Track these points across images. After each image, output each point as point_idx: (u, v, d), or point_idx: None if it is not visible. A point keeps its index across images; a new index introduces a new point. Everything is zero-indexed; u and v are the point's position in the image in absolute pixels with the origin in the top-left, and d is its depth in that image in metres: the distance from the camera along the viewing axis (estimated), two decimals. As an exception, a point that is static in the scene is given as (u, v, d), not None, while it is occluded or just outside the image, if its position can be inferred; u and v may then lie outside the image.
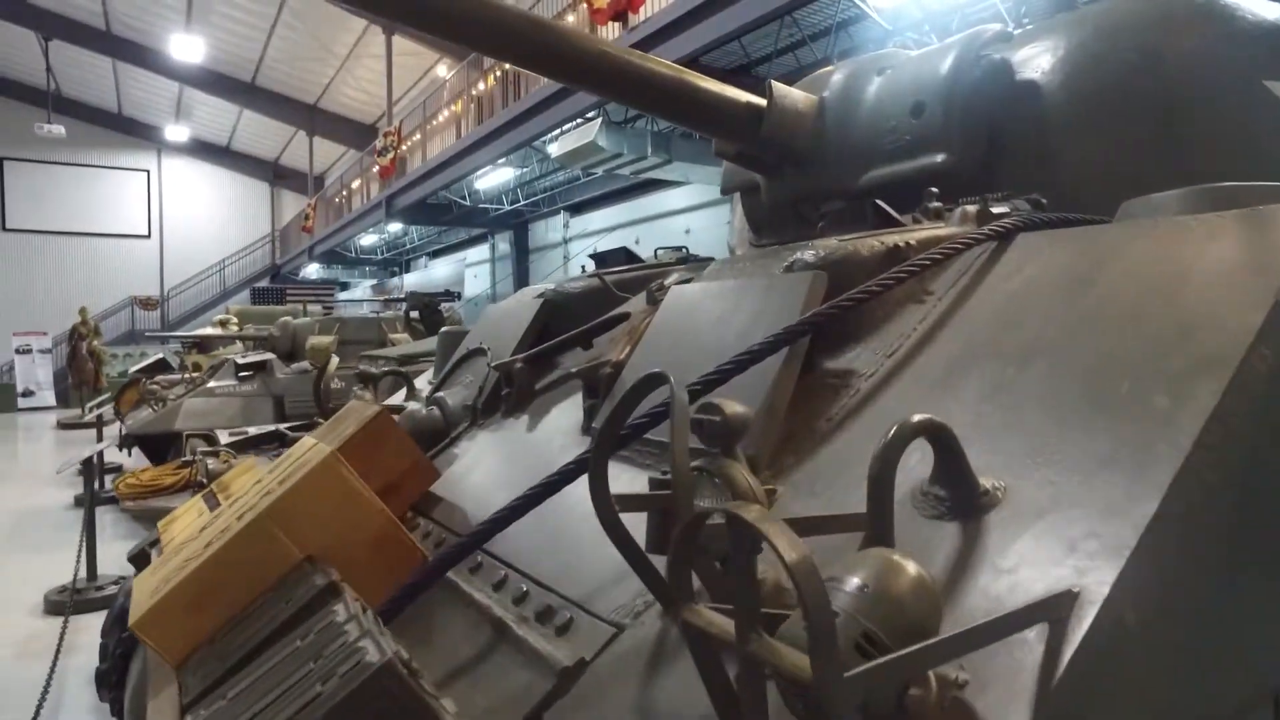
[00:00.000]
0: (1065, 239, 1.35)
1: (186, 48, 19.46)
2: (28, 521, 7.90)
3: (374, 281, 30.69)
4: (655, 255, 2.73)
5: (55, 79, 24.22)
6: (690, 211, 12.90)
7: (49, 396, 24.84)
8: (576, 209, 17.14)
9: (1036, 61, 2.08)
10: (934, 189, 1.83)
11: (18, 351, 25.39)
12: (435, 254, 26.43)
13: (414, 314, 10.88)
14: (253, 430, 6.49)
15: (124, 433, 8.66)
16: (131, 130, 29.46)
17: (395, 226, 21.53)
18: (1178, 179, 1.42)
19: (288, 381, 8.78)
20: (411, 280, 26.47)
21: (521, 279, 18.41)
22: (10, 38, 22.73)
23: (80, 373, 21.23)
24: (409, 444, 1.92)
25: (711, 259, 2.88)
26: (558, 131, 10.17)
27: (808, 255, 1.53)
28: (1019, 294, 1.26)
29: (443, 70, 19.02)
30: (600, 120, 8.91)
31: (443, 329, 3.10)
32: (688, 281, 2.14)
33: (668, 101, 2.24)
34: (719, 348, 1.38)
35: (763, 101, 2.33)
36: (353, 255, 27.02)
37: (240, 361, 8.80)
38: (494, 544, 1.39)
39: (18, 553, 6.65)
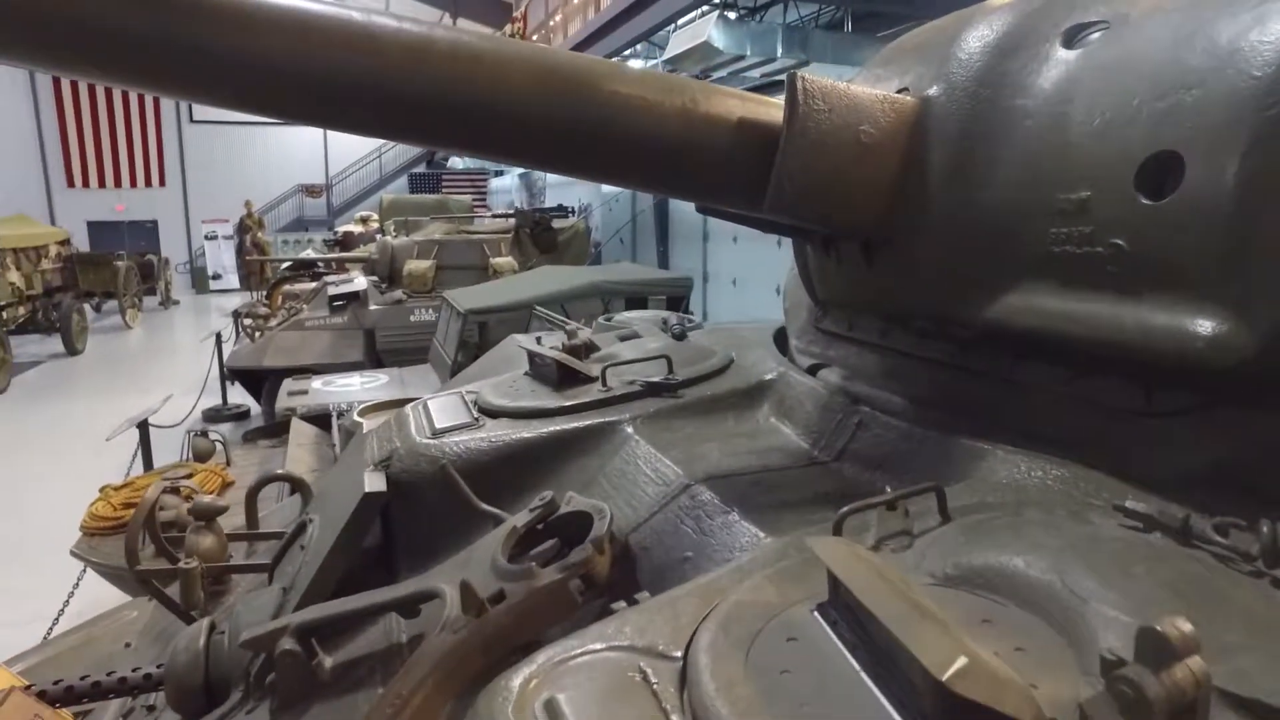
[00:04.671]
0: None
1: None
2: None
3: (521, 171, 30.21)
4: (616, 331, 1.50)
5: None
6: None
7: (234, 280, 26.98)
8: (718, 102, 15.27)
9: None
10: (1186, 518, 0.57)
11: (206, 238, 27.63)
12: (578, 145, 25.27)
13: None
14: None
15: (225, 365, 8.59)
16: (295, 17, 29.88)
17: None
18: None
19: (379, 314, 8.28)
20: (552, 176, 25.64)
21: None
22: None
23: (249, 264, 22.58)
24: None
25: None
26: (674, 26, 8.53)
27: None
28: None
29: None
30: (715, 15, 7.16)
31: (351, 423, 2.11)
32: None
33: (545, 141, 1.03)
34: None
35: (777, 116, 1.05)
36: (496, 147, 26.44)
37: (333, 292, 8.38)
38: None
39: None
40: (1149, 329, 0.82)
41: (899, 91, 1.13)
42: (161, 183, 29.21)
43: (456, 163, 30.23)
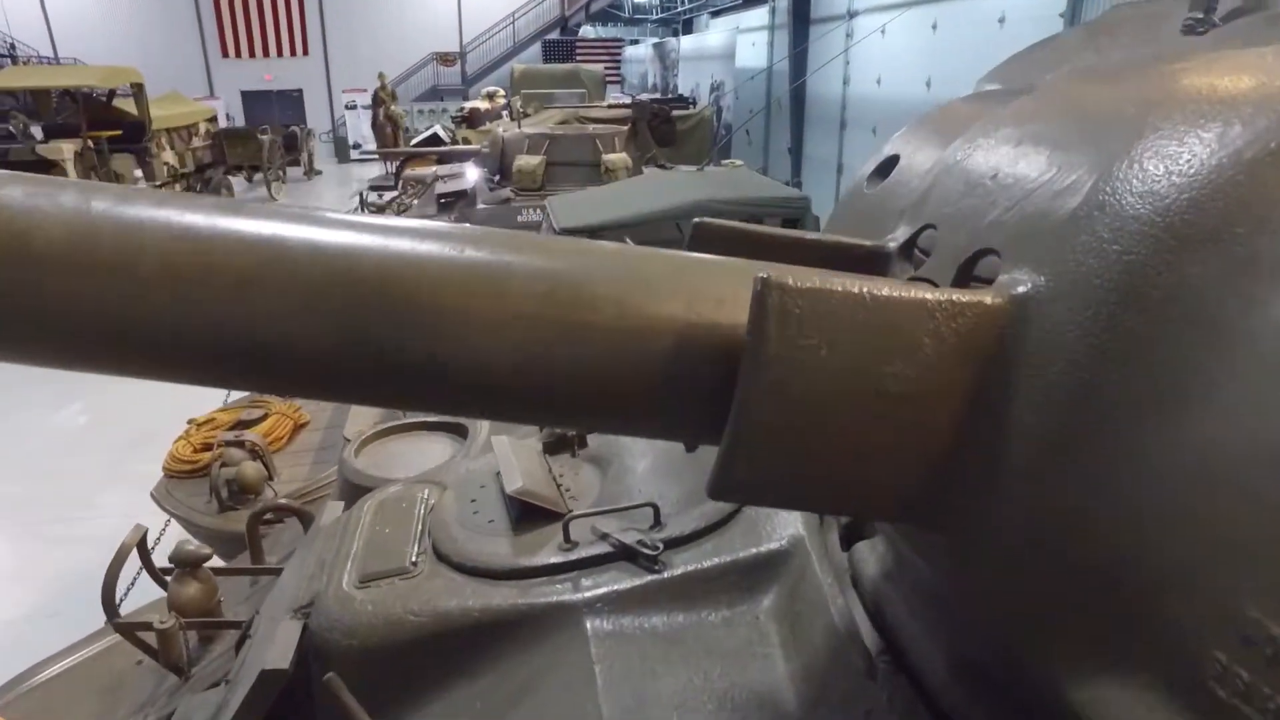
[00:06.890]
0: None
1: None
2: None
3: (655, 40, 28.63)
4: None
5: None
6: (1013, -12, 9.18)
7: (373, 149, 27.74)
8: (871, -32, 13.46)
9: None
10: None
11: (347, 108, 28.34)
12: (716, 13, 23.50)
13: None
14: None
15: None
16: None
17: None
18: None
19: (485, 214, 8.06)
20: (688, 45, 24.09)
21: (799, 62, 15.48)
22: None
23: (382, 136, 22.96)
24: None
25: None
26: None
27: None
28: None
29: None
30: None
31: (353, 473, 1.88)
32: None
33: (369, 385, 0.66)
34: None
35: (740, 322, 0.62)
36: (626, 14, 25.10)
37: (440, 189, 8.22)
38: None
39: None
40: None
41: (977, 266, 0.66)
42: (305, 51, 29.84)
43: (589, 30, 29.01)
